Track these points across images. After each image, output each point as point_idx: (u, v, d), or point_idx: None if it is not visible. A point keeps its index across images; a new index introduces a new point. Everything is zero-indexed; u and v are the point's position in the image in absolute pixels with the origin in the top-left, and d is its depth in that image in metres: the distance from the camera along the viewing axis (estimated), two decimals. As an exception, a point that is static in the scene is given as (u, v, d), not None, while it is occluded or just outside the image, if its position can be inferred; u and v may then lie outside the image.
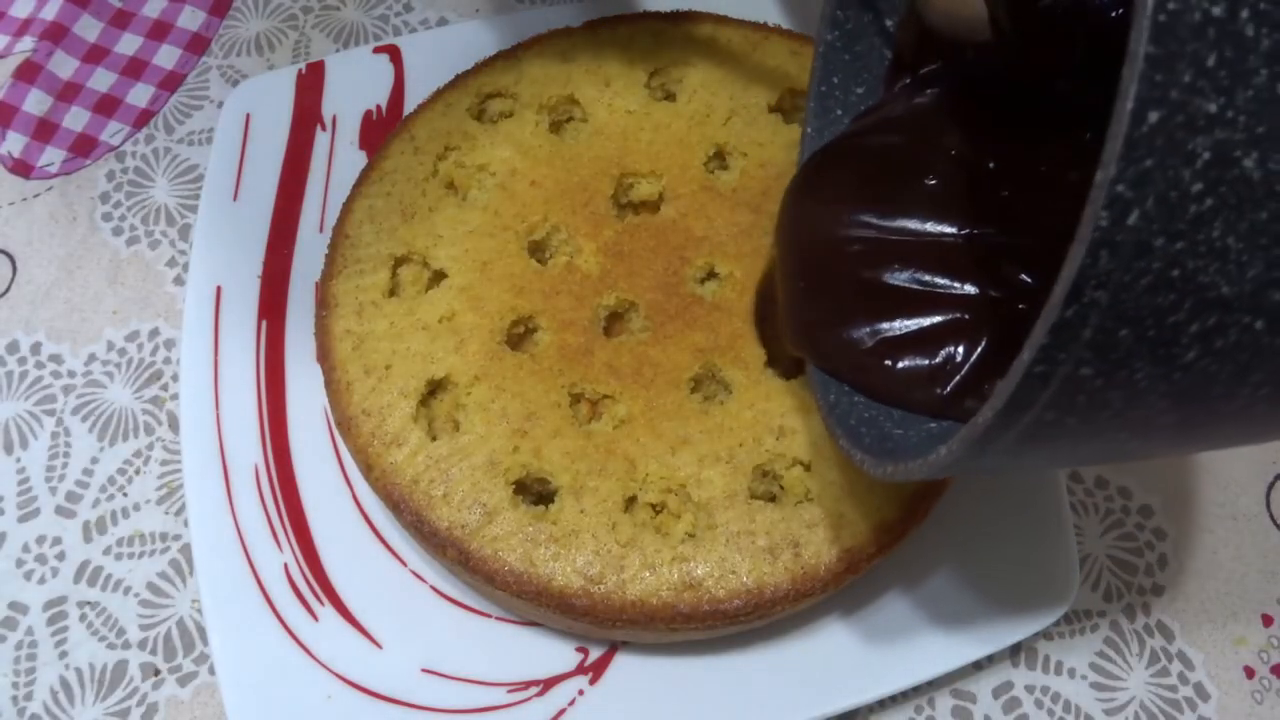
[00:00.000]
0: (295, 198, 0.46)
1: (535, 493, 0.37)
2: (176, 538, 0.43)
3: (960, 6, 0.32)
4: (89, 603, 0.42)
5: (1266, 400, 0.21)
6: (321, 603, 0.39)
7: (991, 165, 0.33)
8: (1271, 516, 0.44)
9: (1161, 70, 0.17)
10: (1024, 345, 0.19)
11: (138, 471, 0.44)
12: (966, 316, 0.31)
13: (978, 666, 0.40)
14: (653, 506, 0.36)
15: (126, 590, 0.42)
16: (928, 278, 0.32)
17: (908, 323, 0.31)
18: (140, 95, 0.53)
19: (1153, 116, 0.17)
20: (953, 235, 0.32)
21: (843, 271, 0.33)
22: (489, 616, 0.39)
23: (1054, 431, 0.21)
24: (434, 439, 0.37)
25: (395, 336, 0.39)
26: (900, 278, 0.32)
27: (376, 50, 0.50)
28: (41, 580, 0.42)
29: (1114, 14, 0.29)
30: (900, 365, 0.31)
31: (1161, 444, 0.23)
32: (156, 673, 0.41)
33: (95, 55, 0.54)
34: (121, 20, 0.55)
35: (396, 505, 0.36)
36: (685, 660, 0.38)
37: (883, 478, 0.27)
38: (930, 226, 0.33)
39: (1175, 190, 0.17)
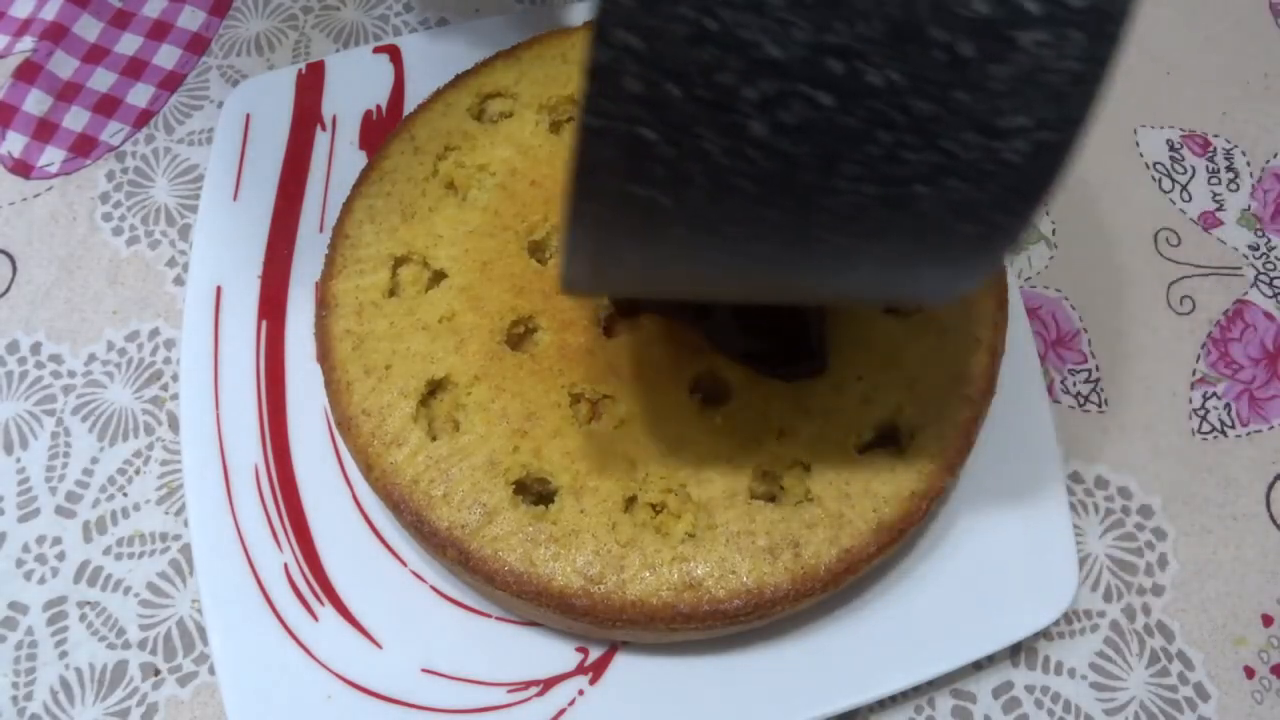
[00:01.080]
0: (295, 198, 0.46)
1: (535, 493, 0.37)
2: (176, 538, 0.43)
3: None
4: (89, 603, 0.42)
5: (878, 203, 0.19)
6: (321, 603, 0.39)
7: None
8: (1271, 516, 0.44)
9: None
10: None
11: (138, 471, 0.44)
12: None
13: (978, 666, 0.40)
14: (653, 506, 0.36)
15: (126, 590, 0.42)
16: None
17: None
18: (140, 95, 0.53)
19: None
20: None
21: None
22: (489, 616, 0.39)
23: (655, 215, 0.20)
24: (434, 439, 0.37)
25: (395, 336, 0.39)
26: None
27: (376, 50, 0.50)
28: (41, 580, 0.42)
29: None
30: None
31: (795, 257, 0.21)
32: (156, 673, 0.41)
33: (95, 55, 0.54)
34: (121, 20, 0.55)
35: (396, 505, 0.36)
36: (685, 660, 0.38)
37: (563, 290, 0.26)
38: None
39: None
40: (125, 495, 0.44)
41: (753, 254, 0.21)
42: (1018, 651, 0.41)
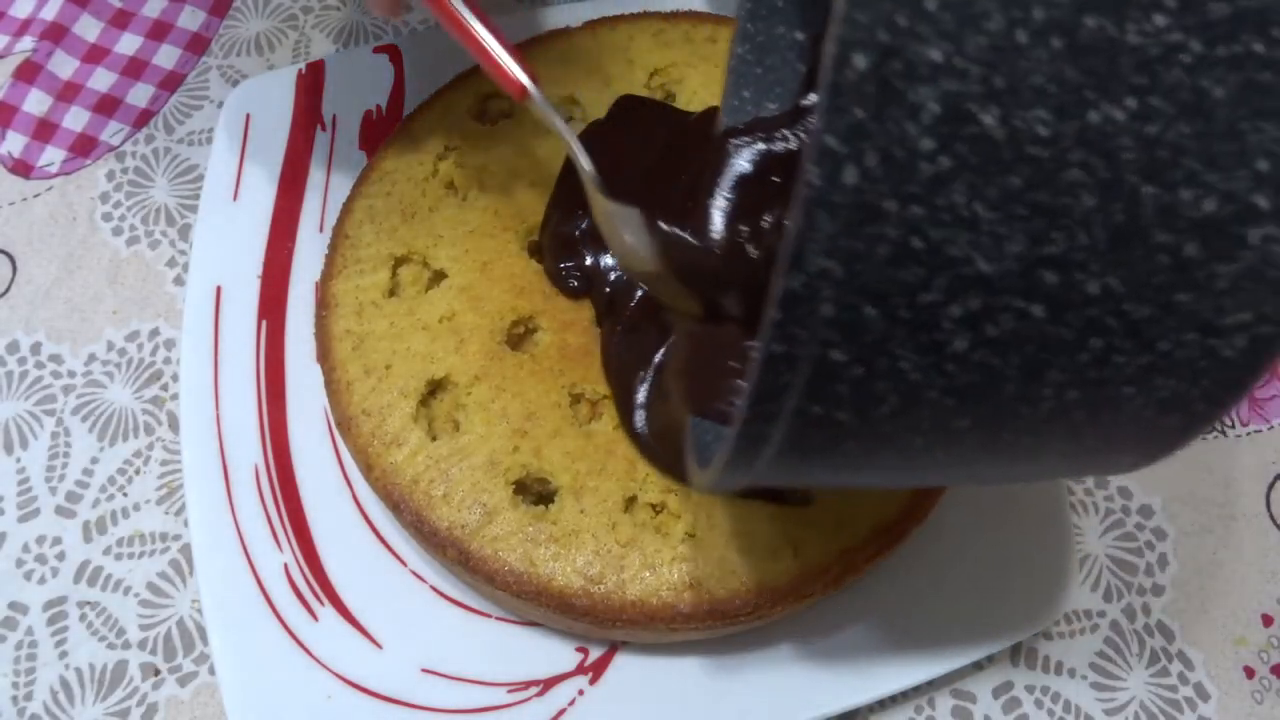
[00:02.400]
0: (295, 198, 0.46)
1: (535, 493, 0.37)
2: (176, 538, 0.43)
3: (633, 259, 0.31)
4: (89, 603, 0.42)
5: (1080, 406, 0.19)
6: (321, 603, 0.39)
7: None
8: (1271, 516, 0.44)
9: (866, 10, 0.15)
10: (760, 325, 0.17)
11: (138, 471, 0.44)
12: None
13: (978, 666, 0.40)
14: (653, 506, 0.36)
15: (126, 590, 0.42)
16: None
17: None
18: (140, 95, 0.53)
19: (860, 61, 0.15)
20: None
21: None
22: (489, 616, 0.39)
23: (830, 431, 0.19)
24: (434, 439, 0.37)
25: (395, 336, 0.39)
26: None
27: (376, 50, 0.50)
28: (41, 580, 0.42)
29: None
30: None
31: (976, 457, 0.20)
32: (156, 673, 0.41)
33: (95, 55, 0.54)
34: (121, 20, 0.55)
35: (396, 505, 0.36)
36: (685, 660, 0.38)
37: (693, 489, 0.24)
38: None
39: (901, 147, 0.16)
40: (125, 495, 0.44)
41: (929, 459, 0.20)
42: (1018, 651, 0.41)
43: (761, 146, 0.33)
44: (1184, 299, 0.17)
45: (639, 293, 0.37)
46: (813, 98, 0.32)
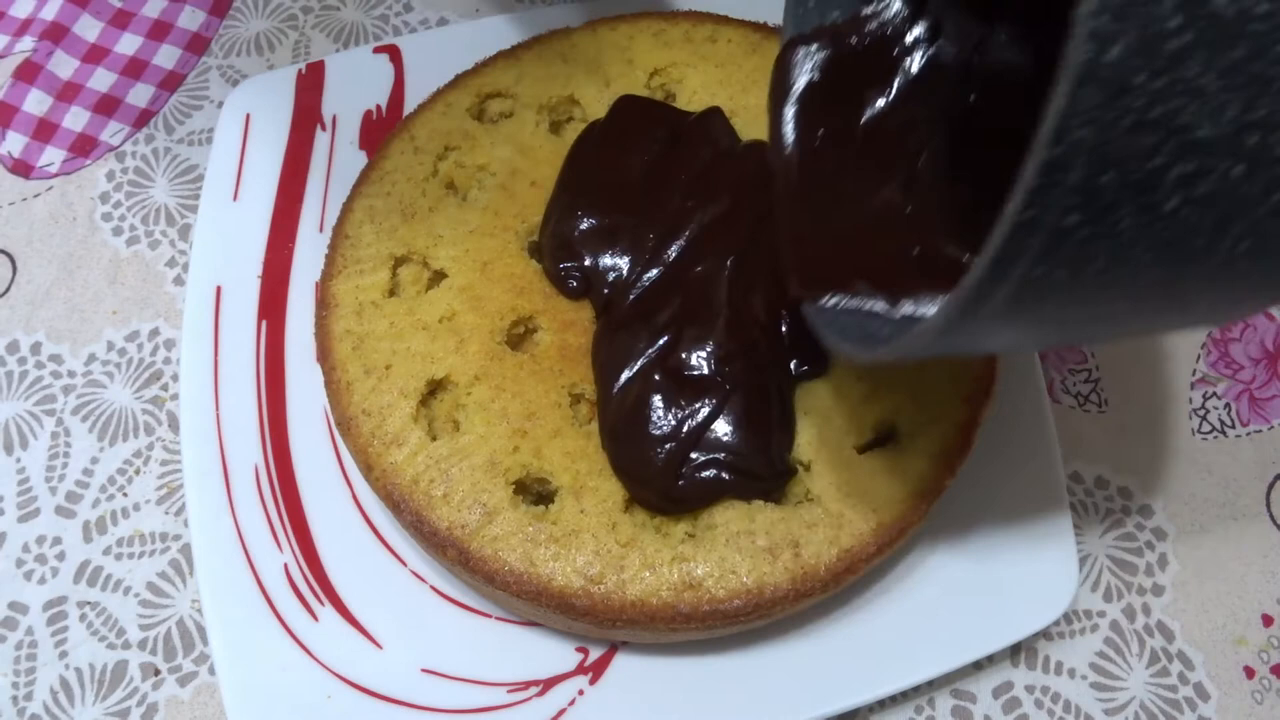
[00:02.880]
0: (295, 198, 0.46)
1: (535, 493, 0.37)
2: (176, 538, 0.43)
3: None
4: (89, 603, 0.42)
5: (1247, 256, 0.21)
6: (321, 603, 0.39)
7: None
8: (1271, 516, 0.44)
9: None
10: (1012, 192, 0.19)
11: (138, 471, 0.44)
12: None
13: (978, 666, 0.40)
14: (653, 506, 0.36)
15: (126, 590, 0.42)
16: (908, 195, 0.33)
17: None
18: (140, 95, 0.53)
19: None
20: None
21: (838, 210, 0.34)
22: (489, 616, 0.39)
23: (1042, 290, 0.21)
24: (434, 439, 0.37)
25: (395, 336, 0.39)
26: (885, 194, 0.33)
27: (376, 50, 0.50)
28: (41, 580, 0.42)
29: None
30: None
31: (1148, 307, 0.23)
32: (156, 673, 0.41)
33: (95, 55, 0.54)
34: (121, 20, 0.55)
35: (396, 505, 0.36)
36: (685, 660, 0.38)
37: (872, 360, 0.27)
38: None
39: (1154, 25, 0.17)
40: (125, 495, 0.44)
41: (1110, 311, 0.23)
42: (1018, 651, 0.41)
43: (830, 51, 0.35)
44: None
45: (634, 294, 0.38)
46: (873, 6, 0.35)
